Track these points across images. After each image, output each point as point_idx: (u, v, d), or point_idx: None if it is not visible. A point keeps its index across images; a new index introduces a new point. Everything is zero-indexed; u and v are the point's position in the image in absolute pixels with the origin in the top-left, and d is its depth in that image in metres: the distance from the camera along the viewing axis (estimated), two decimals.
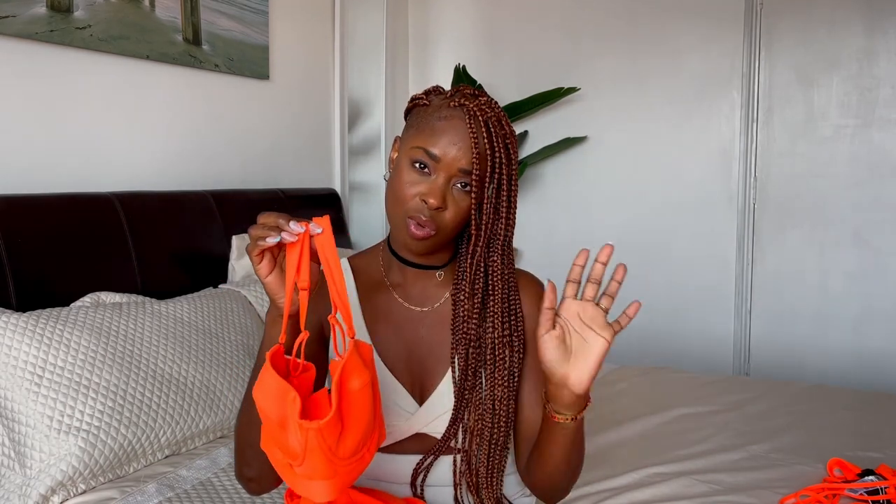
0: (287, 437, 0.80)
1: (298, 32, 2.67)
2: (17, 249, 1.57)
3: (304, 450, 0.78)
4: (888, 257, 2.78)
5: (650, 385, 2.10)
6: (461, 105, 0.98)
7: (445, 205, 0.97)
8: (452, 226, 0.98)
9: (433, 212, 0.96)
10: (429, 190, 0.96)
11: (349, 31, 2.95)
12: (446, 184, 0.97)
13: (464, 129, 0.96)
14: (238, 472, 1.02)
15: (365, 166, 3.24)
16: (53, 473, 1.29)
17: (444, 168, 0.96)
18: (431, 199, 0.96)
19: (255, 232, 0.83)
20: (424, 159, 0.97)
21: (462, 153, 0.96)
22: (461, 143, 0.96)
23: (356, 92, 3.16)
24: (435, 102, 1.01)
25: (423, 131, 0.99)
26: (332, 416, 0.77)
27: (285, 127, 2.62)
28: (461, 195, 0.97)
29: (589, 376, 0.90)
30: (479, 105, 0.97)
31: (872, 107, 2.77)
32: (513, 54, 3.27)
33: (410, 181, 0.97)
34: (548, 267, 1.78)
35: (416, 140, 0.98)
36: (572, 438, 0.95)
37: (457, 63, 3.16)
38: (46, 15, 1.74)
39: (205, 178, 2.23)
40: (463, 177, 0.97)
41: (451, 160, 0.96)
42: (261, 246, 0.83)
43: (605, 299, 0.91)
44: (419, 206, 0.97)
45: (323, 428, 0.77)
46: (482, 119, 0.97)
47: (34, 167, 1.77)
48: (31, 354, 1.36)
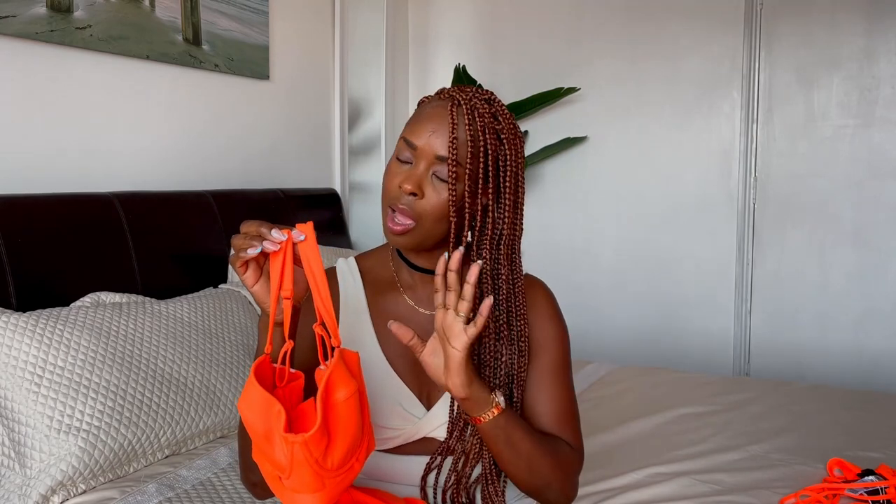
0: (273, 449, 0.79)
1: (298, 32, 2.67)
2: (17, 249, 1.57)
3: (291, 463, 0.77)
4: (888, 257, 2.78)
5: (650, 385, 2.10)
6: (449, 96, 0.98)
7: (422, 192, 0.95)
8: (432, 216, 0.96)
9: (410, 199, 0.95)
10: (406, 177, 0.96)
11: (349, 31, 2.95)
12: (425, 171, 0.96)
13: (443, 117, 0.95)
14: (243, 477, 1.02)
15: (365, 166, 3.24)
16: (53, 473, 1.29)
17: (423, 156, 0.96)
18: (407, 184, 0.95)
19: (237, 242, 0.83)
20: (406, 149, 0.97)
21: (439, 140, 0.95)
22: (439, 131, 0.95)
23: (356, 92, 3.16)
24: (430, 98, 1.02)
25: (409, 123, 0.99)
26: (318, 428, 0.76)
27: (285, 127, 2.62)
28: (442, 185, 0.95)
29: (459, 383, 0.90)
30: (467, 95, 0.96)
31: (872, 107, 2.76)
32: (513, 54, 3.27)
33: (393, 172, 0.98)
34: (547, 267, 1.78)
35: (403, 133, 0.99)
36: (494, 440, 0.95)
37: (457, 63, 3.16)
38: (46, 15, 1.74)
39: (205, 178, 2.23)
40: (440, 164, 0.95)
41: (428, 147, 0.95)
42: (242, 257, 0.82)
43: (462, 304, 0.89)
44: (398, 193, 0.96)
45: (308, 441, 0.76)
46: (466, 107, 0.95)
47: (34, 167, 1.77)
48: (31, 354, 1.36)
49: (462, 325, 0.89)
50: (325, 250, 2.24)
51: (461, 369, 0.90)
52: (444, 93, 0.99)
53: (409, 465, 1.04)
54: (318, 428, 0.77)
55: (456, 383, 0.91)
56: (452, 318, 0.89)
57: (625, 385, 2.09)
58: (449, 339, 0.90)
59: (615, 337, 3.14)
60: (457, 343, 0.89)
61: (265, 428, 0.79)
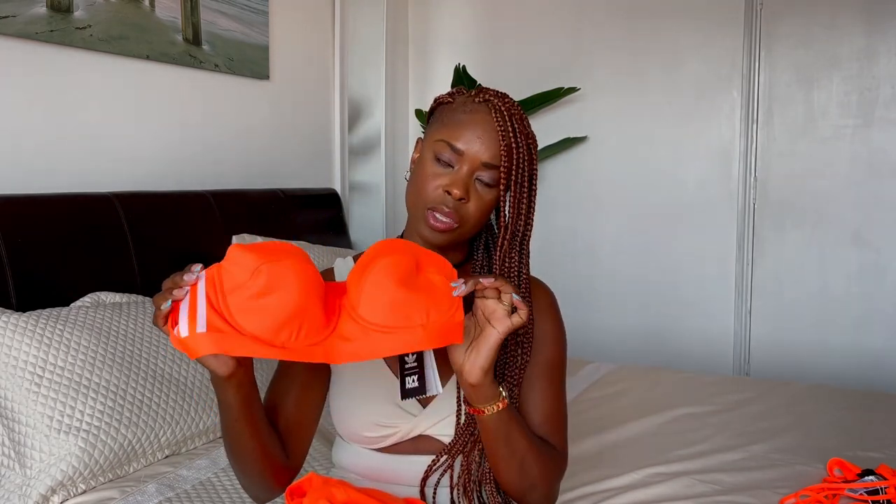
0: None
1: (298, 32, 2.67)
2: (17, 249, 1.57)
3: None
4: (888, 258, 2.78)
5: (650, 385, 2.10)
6: (486, 101, 0.99)
7: (469, 196, 0.97)
8: (475, 219, 0.99)
9: (457, 203, 0.97)
10: (452, 181, 0.97)
11: (349, 31, 2.95)
12: (469, 176, 0.97)
13: (488, 123, 0.97)
14: (243, 487, 1.03)
15: (365, 166, 3.24)
16: (53, 473, 1.29)
17: (468, 161, 0.97)
18: (455, 189, 0.96)
19: (157, 300, 0.81)
20: (447, 153, 0.97)
21: (485, 147, 0.97)
22: (485, 137, 0.97)
23: (356, 92, 3.16)
24: (459, 100, 1.02)
25: (446, 126, 0.99)
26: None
27: (285, 127, 2.62)
28: (484, 189, 0.98)
29: (480, 367, 0.90)
30: (504, 102, 0.99)
31: (872, 107, 2.76)
32: (513, 54, 3.27)
33: (433, 174, 0.98)
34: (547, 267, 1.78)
35: (440, 134, 0.99)
36: (494, 436, 0.95)
37: (457, 63, 3.16)
38: (46, 15, 1.74)
39: (205, 178, 2.23)
40: (485, 171, 0.97)
41: (474, 154, 0.97)
42: (164, 311, 0.80)
43: (505, 296, 0.89)
44: (441, 197, 0.97)
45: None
46: (507, 115, 0.98)
47: (34, 167, 1.77)
48: (31, 354, 1.36)
49: (505, 311, 0.89)
50: (325, 250, 2.24)
51: (490, 353, 0.89)
52: (478, 96, 1.00)
53: (407, 466, 1.04)
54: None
55: (477, 365, 0.90)
56: (495, 303, 0.89)
57: (625, 385, 2.09)
58: (490, 320, 0.89)
59: (615, 337, 3.14)
60: (499, 326, 0.89)
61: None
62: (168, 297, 0.80)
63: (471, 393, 0.93)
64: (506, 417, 0.94)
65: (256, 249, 0.83)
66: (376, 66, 3.18)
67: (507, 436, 0.96)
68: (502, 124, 0.97)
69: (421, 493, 1.03)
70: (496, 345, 0.89)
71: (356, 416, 1.03)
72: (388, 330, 0.84)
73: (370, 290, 0.85)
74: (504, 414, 0.94)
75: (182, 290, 0.81)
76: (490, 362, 0.90)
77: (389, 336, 0.84)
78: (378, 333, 0.84)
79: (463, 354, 0.91)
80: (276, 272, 0.81)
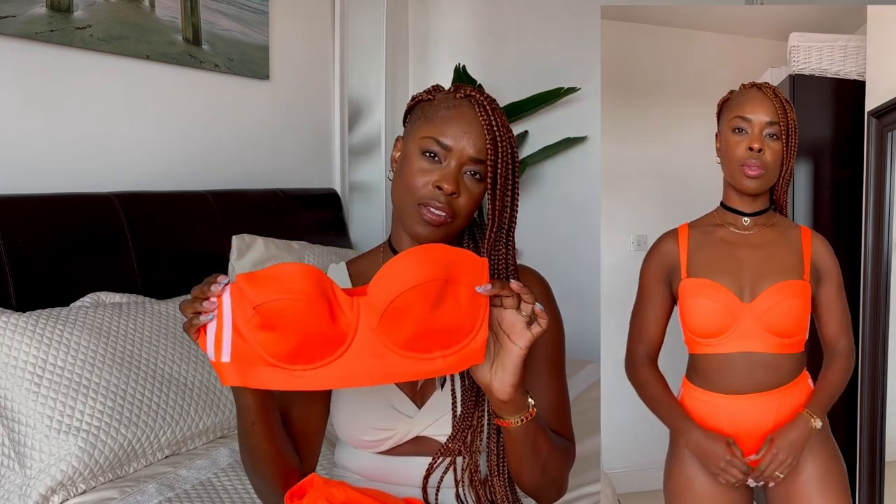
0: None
1: (298, 32, 2.67)
2: (17, 249, 1.57)
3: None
4: None
5: None
6: (468, 96, 1.00)
7: (459, 191, 0.97)
8: (466, 212, 0.99)
9: (448, 198, 0.97)
10: (442, 177, 0.97)
11: (349, 31, 2.95)
12: (458, 171, 0.98)
13: (472, 118, 0.98)
14: (257, 492, 1.04)
15: (365, 166, 3.24)
16: (53, 473, 1.29)
17: (456, 156, 0.97)
18: (446, 184, 0.96)
19: (185, 308, 0.83)
20: (435, 148, 0.98)
21: (472, 142, 0.97)
22: (471, 132, 0.97)
23: (356, 92, 3.16)
24: (439, 97, 1.03)
25: (431, 122, 1.00)
26: None
27: (285, 127, 2.62)
28: (472, 183, 0.99)
29: (510, 384, 0.89)
30: (485, 97, 1.00)
31: None
32: (513, 54, 3.27)
33: (421, 170, 0.98)
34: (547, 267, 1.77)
35: (425, 131, 0.99)
36: (521, 444, 0.95)
37: (457, 63, 3.16)
38: (46, 15, 1.74)
39: (205, 178, 2.23)
40: (472, 165, 0.98)
41: (461, 149, 0.97)
42: (196, 325, 0.82)
43: (525, 306, 0.88)
44: (433, 192, 0.97)
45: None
46: (489, 110, 0.99)
47: (34, 167, 1.77)
48: (31, 354, 1.36)
49: (524, 323, 0.88)
50: (325, 251, 2.24)
51: (517, 370, 0.89)
52: (459, 91, 1.01)
53: (406, 466, 1.04)
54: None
55: (507, 383, 0.89)
56: (514, 316, 0.88)
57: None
58: (511, 336, 0.88)
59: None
60: (520, 341, 0.88)
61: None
62: (196, 309, 0.82)
63: (501, 407, 0.92)
64: (533, 427, 0.94)
65: (259, 283, 0.82)
66: (376, 66, 3.18)
67: (534, 442, 0.95)
68: (486, 119, 0.98)
69: (423, 493, 1.03)
70: (520, 360, 0.89)
71: (354, 420, 1.03)
72: (407, 356, 0.85)
73: (393, 315, 0.84)
74: (532, 424, 0.94)
75: (208, 313, 0.82)
76: (519, 378, 0.89)
77: (408, 361, 0.85)
78: (396, 356, 0.84)
79: (489, 372, 0.90)
80: (272, 312, 0.81)
